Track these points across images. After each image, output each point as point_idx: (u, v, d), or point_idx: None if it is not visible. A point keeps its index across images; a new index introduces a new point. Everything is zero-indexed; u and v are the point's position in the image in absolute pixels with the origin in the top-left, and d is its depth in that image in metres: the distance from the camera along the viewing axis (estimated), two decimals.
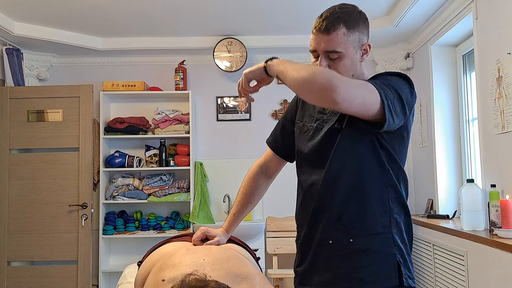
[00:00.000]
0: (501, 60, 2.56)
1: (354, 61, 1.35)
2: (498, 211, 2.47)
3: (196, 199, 4.12)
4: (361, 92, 1.21)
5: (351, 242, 1.34)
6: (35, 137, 3.99)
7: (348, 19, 1.32)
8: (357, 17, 1.35)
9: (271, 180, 1.69)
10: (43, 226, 3.93)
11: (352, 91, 1.19)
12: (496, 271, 2.36)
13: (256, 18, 3.77)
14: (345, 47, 1.32)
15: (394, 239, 1.34)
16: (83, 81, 4.31)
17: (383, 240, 1.34)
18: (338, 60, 1.33)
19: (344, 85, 1.17)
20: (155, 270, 1.28)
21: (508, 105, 2.48)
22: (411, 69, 4.21)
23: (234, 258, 1.30)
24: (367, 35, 1.38)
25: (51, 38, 3.91)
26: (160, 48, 4.23)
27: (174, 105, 4.38)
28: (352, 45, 1.33)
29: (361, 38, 1.35)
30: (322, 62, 1.33)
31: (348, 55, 1.33)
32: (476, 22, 2.88)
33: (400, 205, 1.39)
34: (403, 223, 1.39)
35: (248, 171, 1.69)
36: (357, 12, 1.36)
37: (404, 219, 1.40)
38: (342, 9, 1.34)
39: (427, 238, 3.32)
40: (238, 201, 1.64)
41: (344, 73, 1.32)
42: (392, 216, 1.36)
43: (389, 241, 1.34)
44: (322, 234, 1.38)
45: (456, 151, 3.59)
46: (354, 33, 1.33)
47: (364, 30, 1.36)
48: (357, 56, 1.36)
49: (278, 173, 1.69)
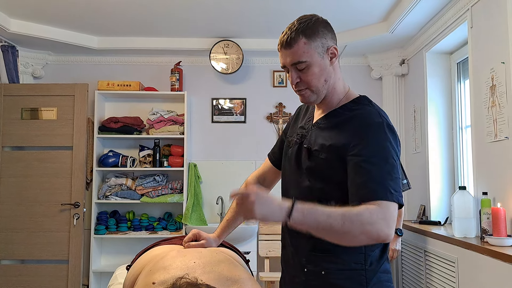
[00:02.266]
0: (495, 69, 2.58)
1: (323, 66, 1.37)
2: (490, 218, 2.49)
3: (189, 201, 4.11)
4: (395, 215, 1.22)
5: (323, 275, 1.33)
6: (28, 135, 3.97)
7: (306, 28, 1.35)
8: (315, 24, 1.36)
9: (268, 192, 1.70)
10: (34, 225, 3.91)
11: (393, 223, 1.21)
12: (486, 278, 2.38)
13: (252, 21, 3.78)
14: (309, 55, 1.34)
15: (367, 277, 1.31)
16: (78, 80, 4.30)
17: (355, 276, 1.31)
18: (306, 70, 1.35)
19: (391, 226, 1.20)
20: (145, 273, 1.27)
21: (501, 114, 2.50)
22: (406, 75, 4.23)
23: (225, 261, 1.30)
24: (331, 38, 1.39)
25: (47, 36, 3.90)
26: (156, 48, 4.23)
27: (169, 106, 4.37)
28: (316, 52, 1.35)
29: (324, 43, 1.37)
30: (293, 75, 1.37)
31: (314, 62, 1.35)
32: (471, 30, 2.90)
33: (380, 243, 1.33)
34: (381, 251, 1.36)
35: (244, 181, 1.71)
36: (314, 20, 1.38)
37: (382, 247, 1.37)
38: (300, 21, 1.37)
39: (419, 244, 3.34)
40: (233, 208, 1.65)
41: (314, 80, 1.36)
42: (367, 253, 1.32)
43: (361, 279, 1.29)
44: (298, 259, 1.40)
45: (449, 158, 3.62)
46: (315, 40, 1.35)
47: (325, 35, 1.37)
48: (325, 61, 1.37)
49: (275, 184, 1.71)
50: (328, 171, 1.33)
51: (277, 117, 4.43)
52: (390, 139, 1.29)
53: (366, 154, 1.26)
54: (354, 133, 1.30)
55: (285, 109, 4.43)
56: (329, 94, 1.41)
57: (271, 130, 4.44)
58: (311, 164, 1.37)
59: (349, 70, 4.43)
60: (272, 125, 4.45)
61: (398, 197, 1.23)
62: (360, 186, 1.24)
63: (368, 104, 1.39)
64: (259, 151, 4.38)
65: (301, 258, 1.39)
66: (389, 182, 1.23)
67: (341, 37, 3.95)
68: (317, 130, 1.42)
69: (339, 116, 1.39)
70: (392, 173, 1.25)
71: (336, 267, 1.32)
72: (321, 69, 1.37)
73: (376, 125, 1.31)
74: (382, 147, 1.27)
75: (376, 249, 1.33)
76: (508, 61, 2.44)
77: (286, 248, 1.49)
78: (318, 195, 1.35)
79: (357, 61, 4.46)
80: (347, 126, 1.34)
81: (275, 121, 4.44)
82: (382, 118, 1.33)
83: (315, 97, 1.40)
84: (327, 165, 1.33)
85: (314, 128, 1.44)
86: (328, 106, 1.43)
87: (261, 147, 4.37)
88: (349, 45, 4.05)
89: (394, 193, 1.22)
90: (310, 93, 1.39)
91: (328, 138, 1.35)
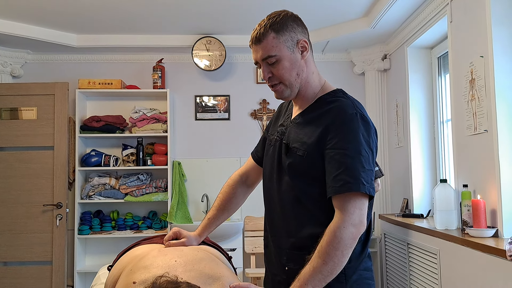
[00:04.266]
0: (474, 63, 2.61)
1: (293, 60, 1.39)
2: (470, 210, 2.52)
3: (174, 199, 4.10)
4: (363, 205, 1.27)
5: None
6: (8, 135, 3.91)
7: (274, 23, 1.37)
8: (284, 19, 1.39)
9: (250, 190, 1.71)
10: (16, 226, 3.85)
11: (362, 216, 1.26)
12: (467, 270, 2.42)
13: (235, 17, 3.77)
14: (278, 49, 1.37)
15: (346, 274, 1.33)
16: (58, 79, 4.24)
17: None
18: (277, 64, 1.38)
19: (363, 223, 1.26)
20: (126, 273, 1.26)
21: (481, 107, 2.54)
22: (388, 70, 4.26)
23: (206, 259, 1.30)
24: (300, 32, 1.41)
25: (25, 34, 3.83)
26: (137, 46, 4.19)
27: (151, 104, 4.34)
28: (286, 46, 1.37)
29: (293, 37, 1.39)
30: (264, 69, 1.40)
31: (284, 56, 1.37)
32: (450, 25, 2.93)
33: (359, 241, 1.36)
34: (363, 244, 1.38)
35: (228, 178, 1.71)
36: (283, 15, 1.40)
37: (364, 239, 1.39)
38: (269, 17, 1.40)
39: (402, 237, 3.37)
40: (215, 206, 1.65)
41: (286, 74, 1.38)
42: None
43: (340, 276, 1.28)
44: (279, 256, 1.42)
45: (431, 152, 3.66)
46: (284, 34, 1.37)
47: (294, 29, 1.39)
48: (295, 55, 1.39)
49: (258, 183, 1.71)
50: (306, 167, 1.35)
51: (261, 113, 4.43)
52: (363, 130, 1.32)
53: (341, 147, 1.29)
54: (329, 127, 1.33)
55: (269, 106, 4.43)
56: (303, 88, 1.43)
57: (255, 127, 4.44)
58: (290, 160, 1.38)
59: (332, 65, 4.45)
60: (256, 121, 4.45)
61: (369, 188, 1.27)
62: (334, 179, 1.28)
63: (343, 96, 1.41)
64: (244, 148, 4.38)
65: (282, 257, 1.40)
66: (362, 173, 1.27)
67: (323, 32, 3.96)
68: (295, 126, 1.43)
69: (315, 110, 1.41)
70: (365, 165, 1.28)
71: None
72: (292, 63, 1.38)
73: (350, 117, 1.33)
74: (356, 139, 1.30)
75: (356, 246, 1.34)
76: (487, 55, 2.47)
77: (268, 247, 1.50)
78: (297, 193, 1.36)
79: (339, 57, 4.48)
80: (322, 120, 1.35)
81: (259, 117, 4.44)
82: (356, 109, 1.35)
83: (288, 91, 1.41)
84: (305, 161, 1.34)
85: (292, 124, 1.45)
86: (304, 100, 1.45)
87: (246, 144, 4.37)
88: (331, 40, 4.06)
89: (366, 184, 1.26)
90: (283, 87, 1.41)
91: (305, 135, 1.37)
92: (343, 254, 1.23)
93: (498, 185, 2.37)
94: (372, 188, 1.28)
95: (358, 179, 1.25)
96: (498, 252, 2.09)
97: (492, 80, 2.42)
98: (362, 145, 1.30)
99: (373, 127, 1.37)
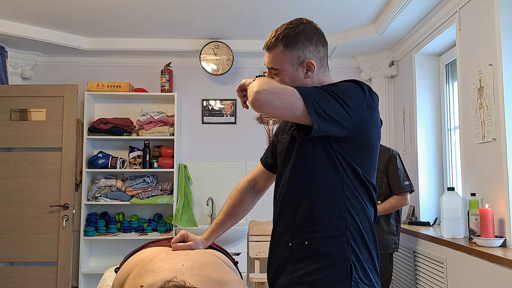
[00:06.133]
0: (482, 71, 2.60)
1: (294, 78, 1.40)
2: (478, 219, 2.51)
3: (179, 202, 4.10)
4: (283, 97, 1.26)
5: (306, 245, 1.35)
6: (17, 136, 3.94)
7: (287, 37, 1.38)
8: (298, 36, 1.38)
9: (259, 197, 1.71)
10: (23, 226, 3.87)
11: (273, 96, 1.26)
12: (474, 279, 2.40)
13: (243, 22, 3.78)
14: (282, 64, 1.39)
15: (348, 243, 1.33)
16: (67, 81, 4.27)
17: (337, 243, 1.33)
18: (277, 77, 1.41)
19: (267, 90, 1.26)
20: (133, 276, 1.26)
21: (489, 115, 2.53)
22: (395, 76, 4.26)
23: (213, 264, 1.30)
24: (312, 51, 1.40)
25: (36, 36, 3.87)
26: (146, 49, 4.21)
27: (159, 107, 4.36)
28: (290, 63, 1.38)
29: (300, 56, 1.39)
30: (269, 76, 1.44)
31: (285, 72, 1.39)
32: (459, 33, 2.93)
33: (362, 212, 1.37)
34: (365, 228, 1.38)
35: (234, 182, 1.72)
36: (299, 29, 1.39)
37: (368, 226, 1.39)
38: (288, 25, 1.40)
39: (408, 244, 3.36)
40: (223, 211, 1.66)
41: None
42: (349, 220, 1.35)
43: (343, 244, 1.32)
44: (283, 237, 1.42)
45: (438, 159, 3.64)
46: (292, 51, 1.38)
47: (305, 48, 1.39)
48: (298, 73, 1.40)
49: (267, 189, 1.72)
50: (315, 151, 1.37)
51: (267, 118, 4.43)
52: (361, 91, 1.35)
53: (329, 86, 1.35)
54: None
55: None
56: None
57: (261, 131, 4.44)
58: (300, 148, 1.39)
59: (339, 71, 4.45)
60: (262, 126, 4.45)
61: (312, 107, 1.26)
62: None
63: None
64: (249, 152, 4.39)
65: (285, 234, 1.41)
66: (322, 98, 1.29)
67: (331, 38, 3.97)
68: None
69: None
70: (334, 101, 1.29)
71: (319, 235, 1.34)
72: (293, 79, 1.40)
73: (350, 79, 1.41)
74: (345, 89, 1.33)
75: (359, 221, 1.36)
76: (496, 63, 2.46)
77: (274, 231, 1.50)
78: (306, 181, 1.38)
79: (346, 63, 4.48)
80: None
81: (265, 122, 4.45)
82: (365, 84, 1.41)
83: None
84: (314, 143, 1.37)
85: None
86: None
87: (251, 148, 4.38)
88: (339, 46, 4.07)
89: (312, 101, 1.27)
90: None
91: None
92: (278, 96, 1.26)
93: (507, 194, 2.36)
94: (324, 115, 1.27)
95: (314, 103, 1.27)
96: (506, 262, 2.08)
97: (501, 88, 2.41)
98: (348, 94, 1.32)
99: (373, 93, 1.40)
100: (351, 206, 1.36)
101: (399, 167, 3.08)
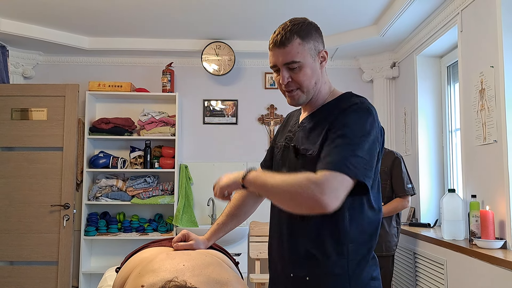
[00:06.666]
0: (484, 73, 2.60)
1: (314, 68, 1.39)
2: (478, 221, 2.51)
3: (180, 202, 4.10)
4: (342, 187, 1.21)
5: (307, 280, 1.33)
6: (18, 135, 3.94)
7: (300, 30, 1.37)
8: (309, 27, 1.39)
9: (261, 200, 1.70)
10: (23, 226, 3.87)
11: (334, 192, 1.19)
12: (474, 281, 2.40)
13: (245, 23, 3.79)
14: (303, 56, 1.36)
15: (350, 284, 1.30)
16: (69, 80, 4.28)
17: (338, 283, 1.30)
18: (298, 70, 1.37)
19: (327, 193, 1.18)
20: (134, 276, 1.27)
21: (490, 117, 2.53)
22: (396, 78, 4.26)
23: (214, 264, 1.30)
24: (321, 42, 1.42)
25: (37, 36, 3.87)
26: (148, 49, 4.22)
27: (160, 107, 4.36)
28: (309, 54, 1.38)
29: (316, 46, 1.39)
30: (284, 74, 1.38)
31: (307, 64, 1.37)
32: (461, 34, 2.93)
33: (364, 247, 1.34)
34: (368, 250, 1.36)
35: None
36: (307, 23, 1.40)
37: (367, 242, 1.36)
38: (293, 22, 1.39)
39: (408, 246, 3.36)
40: (225, 212, 1.66)
41: (306, 81, 1.38)
42: (350, 258, 1.31)
43: (345, 285, 1.29)
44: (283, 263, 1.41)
45: (439, 161, 3.64)
46: (309, 42, 1.38)
47: (318, 38, 1.41)
48: (316, 64, 1.40)
49: None
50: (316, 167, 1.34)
51: (269, 118, 4.44)
52: (365, 119, 1.31)
53: (339, 130, 1.29)
54: (335, 116, 1.34)
55: (276, 111, 4.43)
56: (315, 96, 1.44)
57: (262, 132, 4.44)
58: (302, 161, 1.37)
59: (340, 72, 4.45)
60: (263, 126, 4.45)
61: (355, 172, 1.22)
62: (322, 158, 1.27)
63: (353, 95, 1.43)
64: (251, 152, 4.39)
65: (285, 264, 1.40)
66: (350, 158, 1.23)
67: (333, 39, 3.97)
68: (302, 130, 1.44)
69: (323, 112, 1.41)
70: (357, 152, 1.25)
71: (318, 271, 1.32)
72: (313, 71, 1.39)
73: (355, 106, 1.34)
74: (355, 124, 1.29)
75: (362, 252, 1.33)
76: (497, 65, 2.46)
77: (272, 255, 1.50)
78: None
79: (348, 64, 4.48)
80: (329, 118, 1.35)
81: (267, 122, 4.45)
82: (364, 103, 1.36)
83: (304, 98, 1.42)
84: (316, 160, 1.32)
85: (300, 128, 1.46)
86: (313, 106, 1.46)
87: (253, 149, 4.38)
88: (340, 47, 4.07)
89: (350, 166, 1.21)
90: (300, 93, 1.40)
91: (314, 136, 1.37)
92: (295, 198, 1.20)
93: (507, 196, 2.36)
94: (359, 172, 1.23)
95: (343, 162, 1.22)
96: (506, 264, 2.08)
97: (502, 90, 2.41)
98: (361, 132, 1.28)
99: (377, 122, 1.36)
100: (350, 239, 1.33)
101: (403, 170, 3.11)
